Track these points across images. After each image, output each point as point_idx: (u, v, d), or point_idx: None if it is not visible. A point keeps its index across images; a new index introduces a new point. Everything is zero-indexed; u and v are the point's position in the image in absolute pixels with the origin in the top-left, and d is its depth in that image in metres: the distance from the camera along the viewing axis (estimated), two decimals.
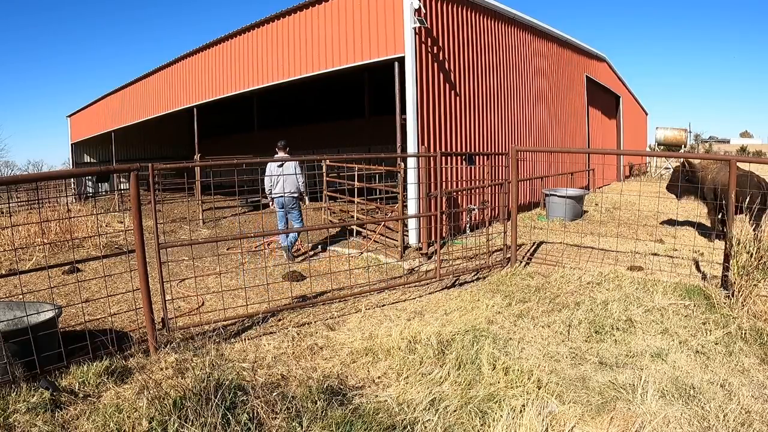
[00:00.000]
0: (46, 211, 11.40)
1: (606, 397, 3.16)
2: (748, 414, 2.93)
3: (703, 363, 3.66)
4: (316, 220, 10.38)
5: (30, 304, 3.87)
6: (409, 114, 8.15)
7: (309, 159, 14.70)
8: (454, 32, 9.06)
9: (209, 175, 11.85)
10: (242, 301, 5.22)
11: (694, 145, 27.27)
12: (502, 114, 10.76)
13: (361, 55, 8.82)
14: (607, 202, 12.11)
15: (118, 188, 19.08)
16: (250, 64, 11.41)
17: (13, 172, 39.66)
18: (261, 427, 2.75)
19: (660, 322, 4.35)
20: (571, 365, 3.65)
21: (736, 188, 5.07)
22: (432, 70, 8.51)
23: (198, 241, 5.42)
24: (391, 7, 8.23)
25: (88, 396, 3.19)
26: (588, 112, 16.33)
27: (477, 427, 2.83)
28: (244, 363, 3.68)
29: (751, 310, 4.34)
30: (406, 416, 2.90)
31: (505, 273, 5.99)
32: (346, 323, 4.70)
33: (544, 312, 4.70)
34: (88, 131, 21.25)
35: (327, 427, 2.76)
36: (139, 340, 4.08)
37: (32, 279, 6.23)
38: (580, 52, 15.60)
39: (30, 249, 7.96)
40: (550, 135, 13.41)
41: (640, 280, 5.43)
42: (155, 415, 2.79)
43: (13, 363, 3.26)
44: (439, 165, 6.39)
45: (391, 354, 3.78)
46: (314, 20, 9.57)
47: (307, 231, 6.96)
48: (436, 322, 4.48)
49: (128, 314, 4.77)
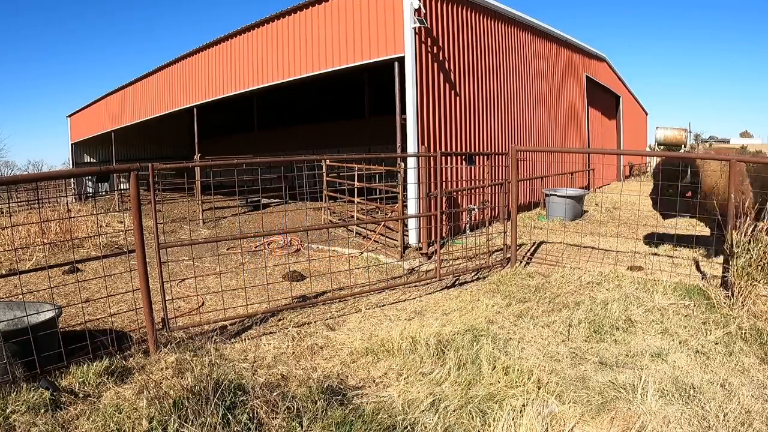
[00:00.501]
0: (46, 211, 11.40)
1: (606, 397, 3.16)
2: (748, 414, 2.93)
3: (703, 363, 3.66)
4: (316, 220, 10.38)
5: (30, 304, 3.87)
6: (409, 114, 8.15)
7: (309, 159, 14.72)
8: (454, 32, 9.06)
9: (209, 175, 11.85)
10: (242, 301, 5.22)
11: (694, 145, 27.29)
12: (502, 114, 10.76)
13: (361, 55, 8.82)
14: (607, 202, 12.11)
15: (118, 188, 19.08)
16: (250, 64, 11.41)
17: (13, 172, 39.69)
18: (261, 427, 2.75)
19: (660, 322, 4.35)
20: (571, 365, 3.65)
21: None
22: (432, 70, 8.51)
23: (198, 241, 5.42)
24: (391, 7, 8.23)
25: (88, 396, 3.19)
26: (588, 111, 16.34)
27: (477, 427, 2.83)
28: (244, 363, 3.68)
29: (751, 309, 4.34)
30: (406, 416, 2.90)
31: (505, 273, 5.99)
32: (346, 323, 4.70)
33: (544, 312, 4.70)
34: (88, 131, 21.25)
35: (327, 427, 2.76)
36: (139, 340, 4.07)
37: (32, 279, 6.23)
38: (580, 52, 15.60)
39: (30, 249, 7.96)
40: (550, 135, 13.40)
41: (640, 280, 5.43)
42: (155, 415, 2.79)
43: (13, 363, 3.26)
44: (439, 165, 6.39)
45: (391, 354, 3.78)
46: (314, 20, 9.57)
47: (306, 231, 6.95)
48: (436, 322, 4.48)
49: (128, 314, 4.77)
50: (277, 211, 11.97)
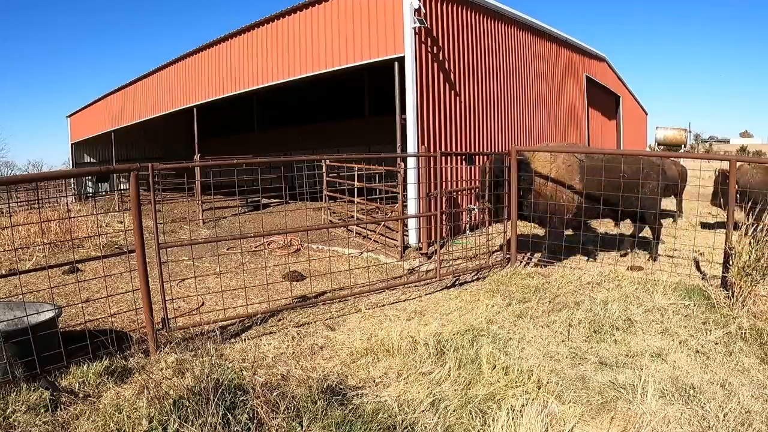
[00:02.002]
0: (46, 211, 11.40)
1: (606, 397, 3.16)
2: (748, 414, 2.93)
3: (703, 363, 3.66)
4: (316, 220, 10.38)
5: (30, 304, 3.87)
6: (409, 114, 8.15)
7: (309, 159, 14.70)
8: (454, 32, 9.06)
9: (209, 175, 11.84)
10: (242, 301, 5.22)
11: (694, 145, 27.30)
12: (502, 114, 10.76)
13: (361, 55, 8.82)
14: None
15: (118, 188, 19.08)
16: (250, 64, 11.41)
17: (13, 172, 39.65)
18: (261, 427, 2.75)
19: (660, 321, 4.35)
20: (571, 365, 3.65)
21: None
22: (432, 70, 8.51)
23: (198, 241, 5.43)
24: (391, 7, 8.23)
25: (88, 396, 3.19)
26: (588, 112, 16.33)
27: (477, 427, 2.83)
28: (244, 363, 3.68)
29: (751, 309, 4.34)
30: (406, 416, 2.90)
31: (505, 273, 5.99)
32: (346, 323, 4.70)
33: (544, 312, 4.70)
34: (88, 131, 21.25)
35: (327, 427, 2.76)
36: (139, 340, 4.07)
37: (32, 279, 6.22)
38: (579, 52, 15.60)
39: (30, 249, 7.95)
40: (550, 135, 13.40)
41: (640, 279, 5.43)
42: (155, 415, 2.79)
43: (13, 363, 3.26)
44: (439, 165, 6.39)
45: (391, 354, 3.78)
46: (314, 20, 9.58)
47: (307, 231, 6.95)
48: (436, 321, 4.48)
49: (128, 314, 4.77)
50: (277, 211, 11.97)
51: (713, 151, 46.81)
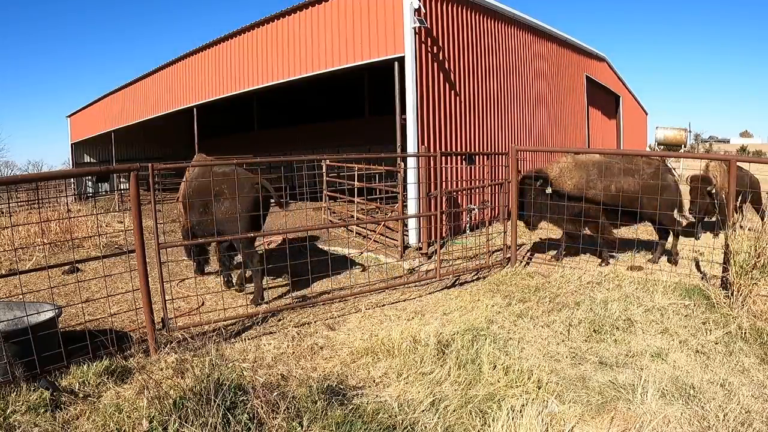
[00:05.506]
0: (46, 211, 11.40)
1: (606, 397, 3.16)
2: (748, 414, 2.93)
3: (703, 363, 3.66)
4: (317, 220, 10.37)
5: (30, 304, 3.87)
6: (409, 114, 8.15)
7: (309, 159, 14.69)
8: (454, 32, 9.05)
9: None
10: (242, 301, 5.21)
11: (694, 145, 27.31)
12: (502, 114, 10.76)
13: (361, 55, 8.81)
14: None
15: (118, 188, 19.08)
16: (250, 64, 11.41)
17: (13, 172, 39.58)
18: (261, 427, 2.75)
19: (660, 321, 4.35)
20: (571, 365, 3.65)
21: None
22: (432, 70, 8.51)
23: (198, 241, 5.42)
24: (391, 7, 8.23)
25: (88, 396, 3.19)
26: (588, 111, 16.33)
27: (477, 427, 2.83)
28: (245, 363, 3.68)
29: (751, 309, 4.34)
30: (406, 416, 2.90)
31: (505, 273, 5.99)
32: (346, 323, 4.70)
33: (544, 312, 4.70)
34: (88, 131, 21.25)
35: (327, 427, 2.76)
36: (139, 340, 4.07)
37: (32, 279, 6.23)
38: (579, 52, 15.59)
39: (30, 249, 7.95)
40: (550, 135, 13.40)
41: (640, 279, 5.43)
42: (155, 415, 2.79)
43: (13, 363, 3.26)
44: (439, 165, 6.39)
45: (391, 354, 3.78)
46: (314, 20, 9.57)
47: (307, 231, 6.95)
48: (436, 321, 4.48)
49: (128, 314, 4.77)
50: (277, 210, 11.95)
51: (713, 151, 46.80)
